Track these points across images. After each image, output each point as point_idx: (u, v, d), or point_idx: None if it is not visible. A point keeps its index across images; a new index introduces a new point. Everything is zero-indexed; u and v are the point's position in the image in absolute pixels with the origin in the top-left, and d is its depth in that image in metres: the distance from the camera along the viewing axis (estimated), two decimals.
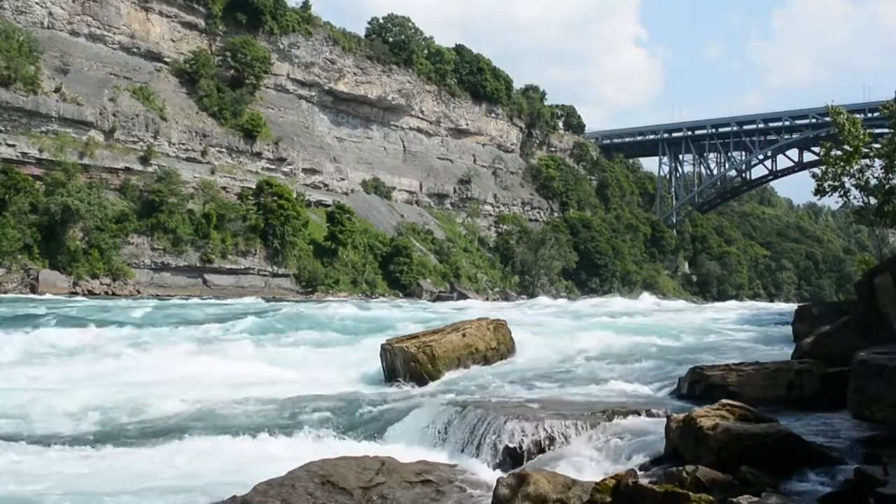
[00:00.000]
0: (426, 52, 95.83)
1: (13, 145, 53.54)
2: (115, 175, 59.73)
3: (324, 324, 26.09)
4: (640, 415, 9.56)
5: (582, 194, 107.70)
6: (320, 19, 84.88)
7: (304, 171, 77.50)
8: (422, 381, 14.57)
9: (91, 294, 50.21)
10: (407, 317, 29.98)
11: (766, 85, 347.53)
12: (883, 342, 9.90)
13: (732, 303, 70.62)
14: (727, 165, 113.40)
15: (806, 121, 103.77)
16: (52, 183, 53.55)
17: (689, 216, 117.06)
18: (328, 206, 75.89)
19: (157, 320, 27.54)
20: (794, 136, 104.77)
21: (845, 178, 23.84)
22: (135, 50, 67.42)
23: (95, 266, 53.76)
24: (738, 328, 27.18)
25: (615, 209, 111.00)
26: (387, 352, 15.69)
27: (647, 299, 60.10)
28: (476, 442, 9.54)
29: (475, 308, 37.90)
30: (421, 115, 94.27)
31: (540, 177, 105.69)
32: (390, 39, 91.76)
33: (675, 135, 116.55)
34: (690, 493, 5.61)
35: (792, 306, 35.04)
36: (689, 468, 6.33)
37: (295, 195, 70.96)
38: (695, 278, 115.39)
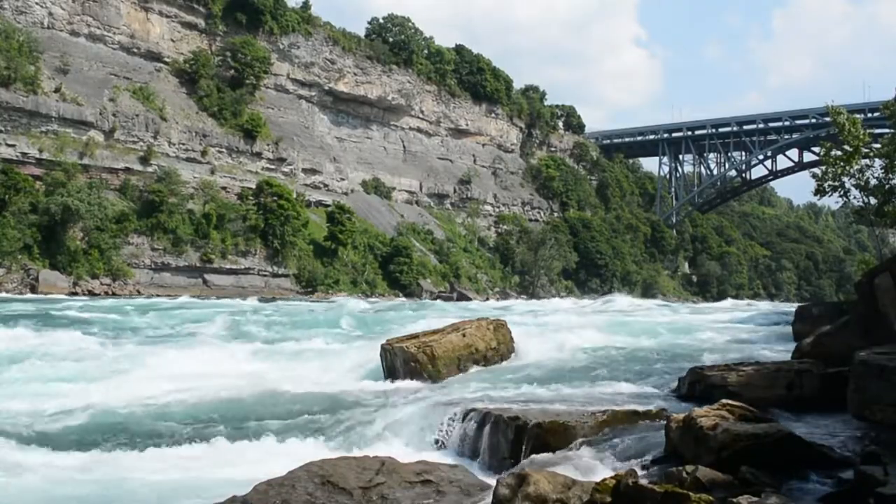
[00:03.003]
0: (426, 52, 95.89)
1: (13, 145, 53.58)
2: (115, 175, 59.75)
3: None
4: (639, 415, 9.56)
5: (582, 194, 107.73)
6: (320, 19, 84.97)
7: (304, 171, 77.53)
8: (422, 382, 14.57)
9: (91, 294, 50.23)
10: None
11: (766, 85, 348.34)
12: (883, 342, 9.89)
13: (713, 304, 70.23)
14: (727, 165, 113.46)
15: (806, 121, 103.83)
16: (52, 183, 53.58)
17: (689, 216, 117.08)
18: (328, 206, 75.92)
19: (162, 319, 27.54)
20: (794, 136, 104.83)
21: (845, 178, 23.86)
22: (135, 50, 67.45)
23: (95, 266, 53.77)
24: (739, 328, 27.18)
25: (615, 209, 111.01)
26: (387, 352, 15.68)
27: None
28: (476, 442, 9.54)
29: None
30: (421, 115, 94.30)
31: (540, 177, 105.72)
32: (390, 39, 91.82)
33: (675, 135, 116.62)
34: (690, 493, 5.61)
35: (791, 306, 35.10)
36: (689, 468, 6.33)
37: (295, 195, 70.99)
38: (695, 278, 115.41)
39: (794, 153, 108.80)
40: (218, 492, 7.35)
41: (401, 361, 15.16)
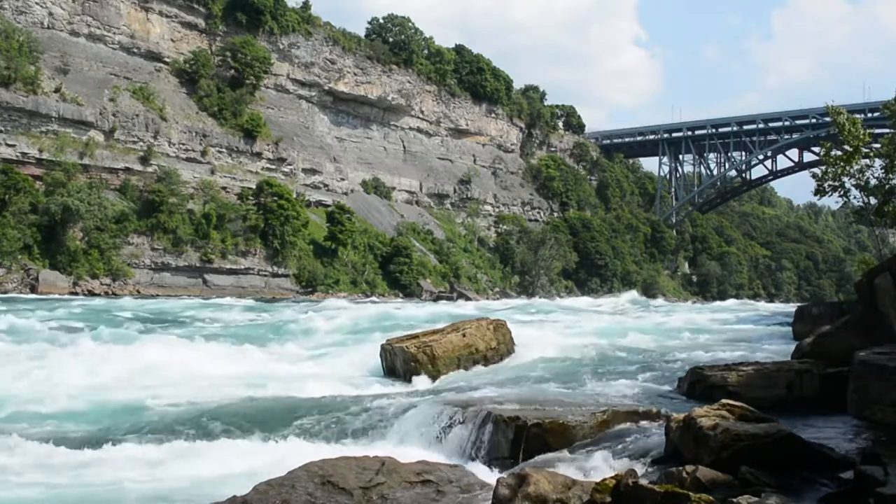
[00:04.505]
0: (426, 52, 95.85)
1: (13, 145, 53.58)
2: (115, 175, 59.75)
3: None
4: (639, 415, 9.56)
5: (582, 194, 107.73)
6: (320, 19, 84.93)
7: (304, 171, 77.51)
8: (422, 381, 14.57)
9: (91, 294, 50.24)
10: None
11: (766, 85, 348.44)
12: (883, 342, 9.90)
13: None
14: (727, 165, 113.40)
15: (806, 121, 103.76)
16: (52, 183, 53.58)
17: (689, 216, 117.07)
18: (328, 206, 75.93)
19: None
20: (794, 136, 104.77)
21: (845, 178, 23.93)
22: (135, 50, 67.43)
23: (95, 266, 53.77)
24: (738, 328, 27.19)
25: (615, 209, 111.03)
26: (387, 352, 15.70)
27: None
28: (476, 442, 9.53)
29: None
30: (421, 115, 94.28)
31: (540, 177, 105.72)
32: (390, 39, 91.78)
33: (675, 135, 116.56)
34: (690, 494, 5.61)
35: (769, 306, 35.16)
36: (689, 468, 6.33)
37: (295, 195, 70.98)
38: (695, 278, 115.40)
39: (794, 153, 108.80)
40: (218, 491, 7.35)
41: (401, 361, 15.17)
